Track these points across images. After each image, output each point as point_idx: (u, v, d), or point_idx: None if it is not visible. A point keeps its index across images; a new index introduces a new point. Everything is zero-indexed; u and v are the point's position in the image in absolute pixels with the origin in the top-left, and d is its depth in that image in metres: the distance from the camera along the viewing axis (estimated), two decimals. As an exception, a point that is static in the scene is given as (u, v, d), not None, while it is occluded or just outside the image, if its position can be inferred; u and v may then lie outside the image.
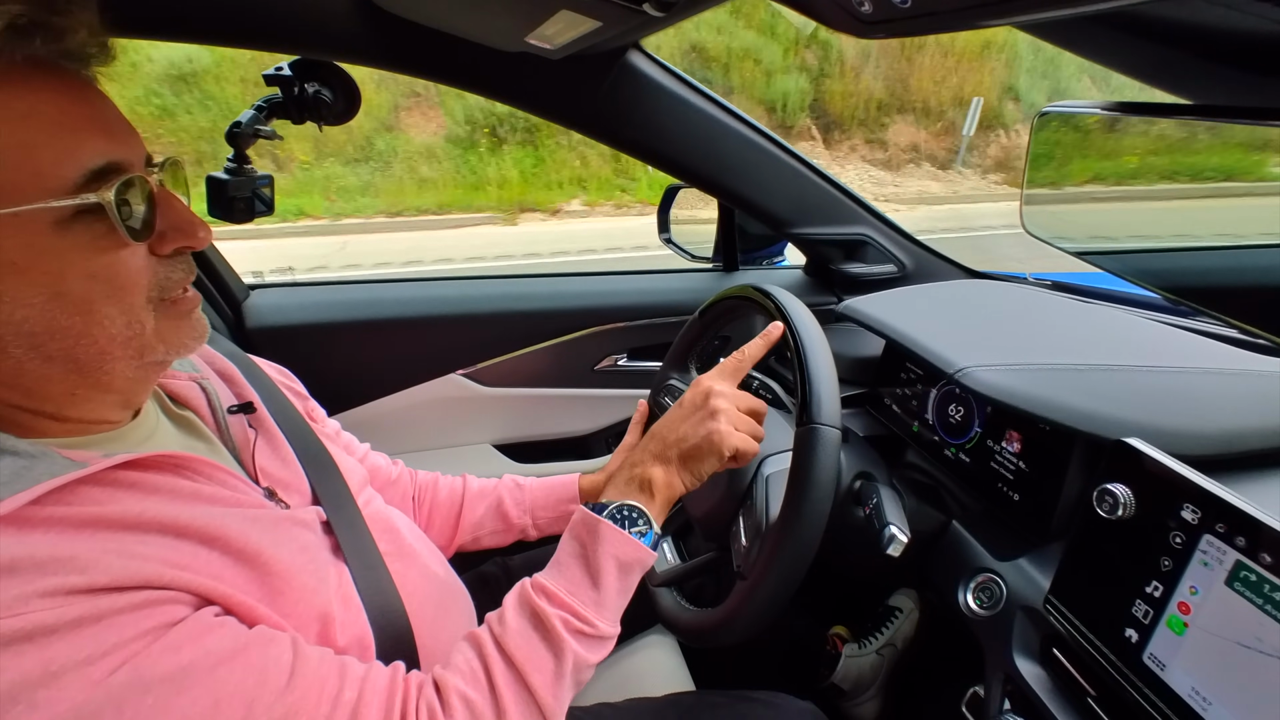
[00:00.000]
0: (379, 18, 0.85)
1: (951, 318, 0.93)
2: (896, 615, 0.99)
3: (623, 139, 1.07)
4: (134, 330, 0.46)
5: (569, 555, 0.59)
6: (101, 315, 0.44)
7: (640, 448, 0.66)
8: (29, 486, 0.40)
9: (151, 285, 0.47)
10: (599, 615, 0.57)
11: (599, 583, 0.57)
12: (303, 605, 0.50)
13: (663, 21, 0.70)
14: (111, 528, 0.43)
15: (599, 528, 0.59)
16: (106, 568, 0.40)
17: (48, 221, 0.41)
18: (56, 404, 0.47)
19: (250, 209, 0.97)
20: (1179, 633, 0.51)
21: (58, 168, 0.41)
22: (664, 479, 0.63)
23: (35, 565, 0.38)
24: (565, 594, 0.56)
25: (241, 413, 0.62)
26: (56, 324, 0.43)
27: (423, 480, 0.89)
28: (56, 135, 0.41)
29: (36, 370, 0.44)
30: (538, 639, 0.54)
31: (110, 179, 0.43)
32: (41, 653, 0.36)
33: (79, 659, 0.37)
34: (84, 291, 0.43)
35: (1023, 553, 0.71)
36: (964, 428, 0.83)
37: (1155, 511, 0.55)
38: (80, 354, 0.44)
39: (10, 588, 0.37)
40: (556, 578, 0.58)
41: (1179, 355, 0.79)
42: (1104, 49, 0.56)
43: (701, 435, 0.63)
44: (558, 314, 1.29)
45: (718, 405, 0.65)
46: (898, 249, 1.28)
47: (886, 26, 0.50)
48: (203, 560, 0.45)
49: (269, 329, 1.19)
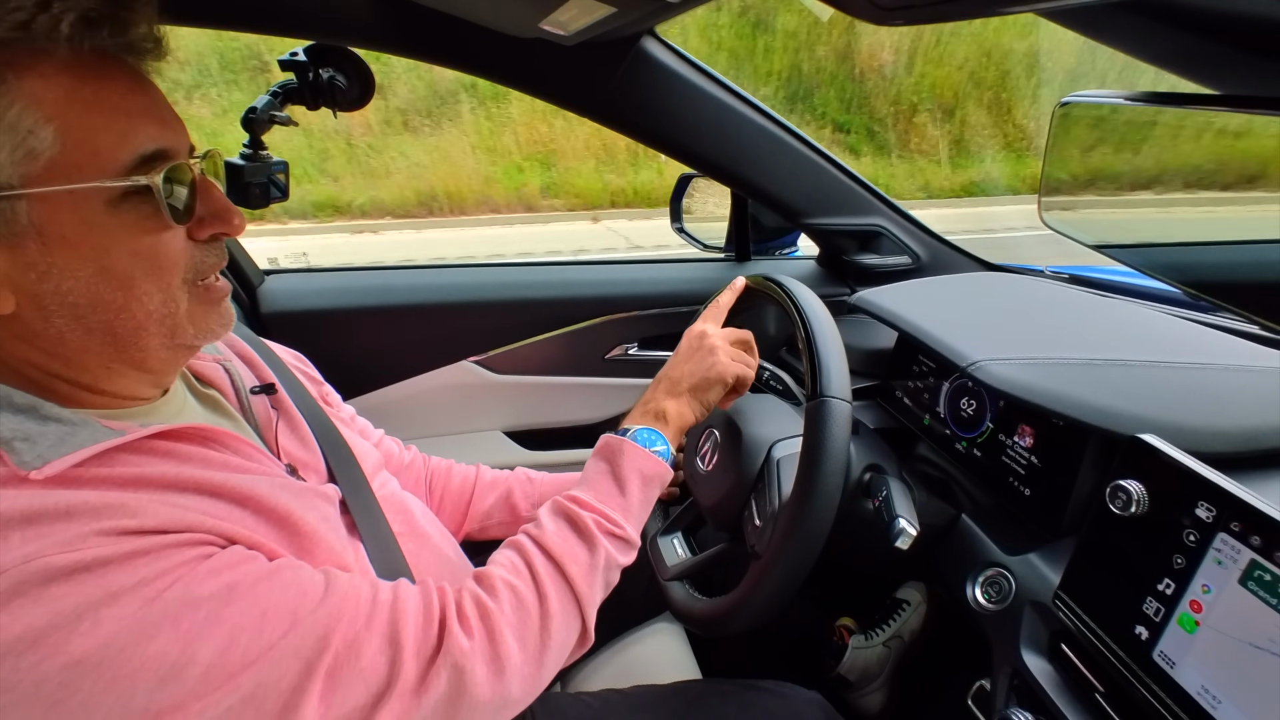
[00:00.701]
0: (394, 4, 0.85)
1: (965, 310, 0.92)
2: (904, 608, 0.99)
3: (636, 127, 1.06)
4: (169, 309, 0.48)
5: (596, 472, 0.66)
6: (141, 291, 0.47)
7: (651, 389, 0.74)
8: (73, 450, 0.43)
9: (188, 267, 0.49)
10: (627, 520, 0.63)
11: (625, 491, 0.64)
12: (330, 564, 0.53)
13: (677, 8, 0.69)
14: (153, 486, 0.45)
15: (623, 446, 0.66)
16: (154, 514, 0.43)
17: (101, 200, 0.44)
18: (93, 375, 0.49)
19: (266, 195, 0.98)
20: (1190, 631, 0.51)
21: (114, 150, 0.44)
22: (676, 409, 0.70)
23: (90, 510, 0.41)
24: (595, 501, 0.63)
25: (264, 394, 0.64)
26: (99, 297, 0.45)
27: (436, 466, 0.90)
28: (115, 120, 0.44)
29: (77, 341, 0.46)
30: (574, 536, 0.60)
31: (159, 164, 0.45)
32: (100, 580, 0.39)
33: (134, 581, 0.40)
34: (127, 268, 0.46)
35: (1033, 548, 0.71)
36: (976, 421, 0.83)
37: (1169, 508, 0.54)
38: (119, 327, 0.47)
39: (68, 528, 0.40)
40: (586, 489, 0.64)
41: (1198, 351, 0.77)
42: (1130, 37, 0.55)
43: (705, 368, 0.71)
44: (569, 302, 1.29)
45: (714, 343, 0.73)
46: (913, 240, 1.27)
47: (905, 13, 0.50)
48: (237, 516, 0.48)
49: (283, 314, 1.20)
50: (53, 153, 0.42)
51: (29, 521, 0.39)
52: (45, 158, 0.42)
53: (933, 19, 0.50)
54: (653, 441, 0.67)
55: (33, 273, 0.43)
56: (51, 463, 0.42)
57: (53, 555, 0.38)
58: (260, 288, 1.21)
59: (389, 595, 0.50)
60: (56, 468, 0.42)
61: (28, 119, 0.41)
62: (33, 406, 0.45)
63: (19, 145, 0.41)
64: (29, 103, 0.41)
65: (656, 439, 0.68)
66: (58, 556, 0.38)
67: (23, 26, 0.40)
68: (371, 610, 0.48)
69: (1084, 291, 1.04)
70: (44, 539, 0.39)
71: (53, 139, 0.42)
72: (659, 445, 0.68)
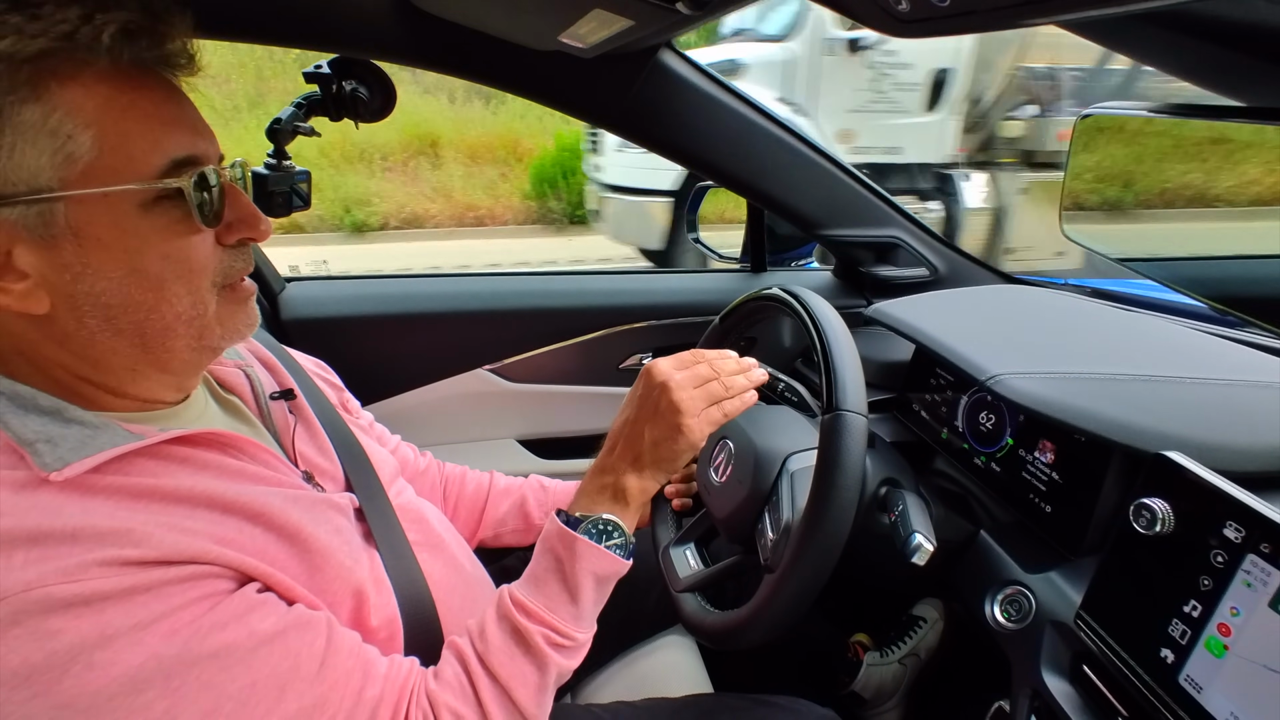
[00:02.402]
0: (416, 17, 0.86)
1: (984, 323, 0.91)
2: (920, 625, 0.97)
3: (653, 138, 1.07)
4: (198, 310, 0.50)
5: (546, 570, 0.60)
6: (171, 293, 0.48)
7: (607, 452, 0.66)
8: (93, 454, 0.44)
9: (217, 271, 0.51)
10: (577, 628, 0.59)
11: (577, 598, 0.59)
12: (339, 582, 0.53)
13: (695, 20, 0.69)
14: (165, 500, 0.46)
15: (575, 545, 0.60)
16: (158, 542, 0.43)
17: (134, 203, 0.45)
18: (118, 378, 0.50)
19: (288, 204, 1.00)
20: (1218, 655, 0.50)
21: (148, 155, 0.45)
22: (638, 485, 0.64)
23: (95, 536, 0.41)
24: (545, 610, 0.58)
25: (283, 399, 0.64)
26: (130, 298, 0.47)
27: (450, 473, 0.90)
28: (150, 127, 0.46)
29: (106, 343, 0.48)
30: (521, 655, 0.56)
31: (190, 169, 0.47)
32: (97, 616, 0.39)
33: (131, 624, 0.40)
34: (158, 270, 0.47)
35: (1054, 566, 0.69)
36: (995, 436, 0.81)
37: (1195, 528, 0.53)
38: (148, 328, 0.48)
39: (72, 554, 0.40)
40: (534, 593, 0.59)
41: (1225, 367, 0.76)
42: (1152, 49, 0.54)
43: (673, 436, 0.63)
44: (584, 312, 1.29)
45: (679, 398, 0.63)
46: (930, 252, 1.26)
47: (925, 25, 0.49)
48: (247, 536, 0.48)
49: (304, 320, 1.22)
50: (90, 157, 0.43)
51: (34, 542, 0.40)
52: (83, 162, 0.43)
53: (952, 31, 0.49)
54: (610, 532, 0.62)
55: (68, 273, 0.45)
56: (71, 465, 0.43)
57: (53, 585, 0.39)
58: (281, 294, 1.23)
59: (376, 692, 0.50)
60: (75, 470, 0.43)
61: (68, 125, 0.43)
62: (57, 409, 0.46)
63: (59, 150, 0.43)
64: (70, 110, 0.43)
65: (614, 530, 0.62)
66: (58, 587, 0.39)
67: (67, 37, 0.42)
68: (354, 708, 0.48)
69: (1106, 305, 1.02)
70: (46, 563, 0.39)
71: (90, 144, 0.43)
72: (616, 538, 0.62)
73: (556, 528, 0.62)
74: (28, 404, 0.45)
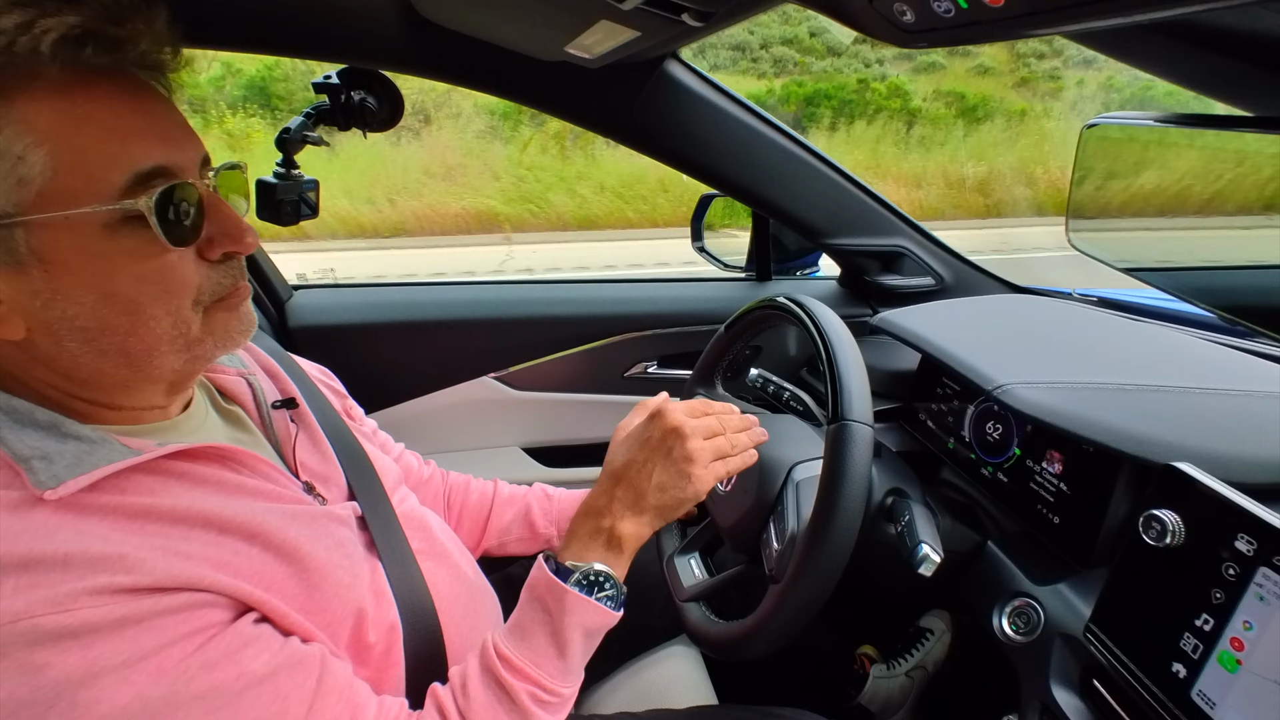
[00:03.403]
0: (424, 28, 0.87)
1: (991, 332, 0.91)
2: (928, 637, 0.96)
3: (659, 147, 1.07)
4: (180, 330, 0.47)
5: (533, 623, 0.57)
6: (148, 316, 0.45)
7: (605, 492, 0.63)
8: (89, 471, 0.43)
9: (201, 289, 0.48)
10: (564, 683, 0.56)
11: (565, 652, 0.56)
12: (338, 601, 0.52)
13: (701, 31, 0.70)
14: (161, 520, 0.45)
15: (565, 598, 0.57)
16: (152, 568, 0.42)
17: (97, 225, 0.42)
18: (110, 394, 0.49)
19: (296, 212, 1.01)
20: (1231, 670, 0.49)
21: (106, 172, 0.42)
22: (634, 531, 0.61)
23: (88, 561, 0.40)
24: (531, 666, 0.55)
25: (285, 408, 0.64)
26: (106, 322, 0.44)
27: (454, 482, 0.90)
28: (107, 141, 0.43)
29: (91, 363, 0.46)
30: (503, 712, 0.53)
31: (155, 183, 0.44)
32: (85, 651, 0.38)
33: (118, 662, 0.39)
34: (132, 293, 0.44)
35: (1062, 578, 0.68)
36: (1002, 446, 0.81)
37: (1207, 540, 0.52)
38: (130, 349, 0.46)
39: (63, 582, 0.39)
40: (520, 646, 0.56)
41: (1235, 377, 0.75)
42: (1159, 59, 0.54)
43: (679, 485, 0.61)
44: (589, 320, 1.29)
45: (692, 447, 0.61)
46: (936, 261, 1.26)
47: (929, 36, 0.50)
48: (243, 557, 0.47)
49: (311, 328, 1.22)
50: (45, 179, 0.41)
51: (24, 568, 0.39)
52: (37, 184, 0.41)
53: (957, 41, 0.50)
54: (601, 583, 0.58)
55: (38, 300, 0.43)
56: (66, 483, 0.41)
57: (41, 616, 0.38)
58: (289, 302, 1.24)
59: None
60: (70, 488, 0.41)
61: (18, 145, 0.40)
62: (54, 424, 0.45)
63: (10, 172, 0.40)
64: (20, 128, 0.40)
65: (606, 581, 0.58)
66: (46, 618, 0.38)
67: (5, 50, 0.39)
68: None
69: (1114, 315, 1.02)
70: (36, 591, 0.38)
71: (44, 164, 0.41)
72: (608, 589, 0.58)
73: (545, 577, 0.58)
74: (24, 418, 0.44)
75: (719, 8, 0.60)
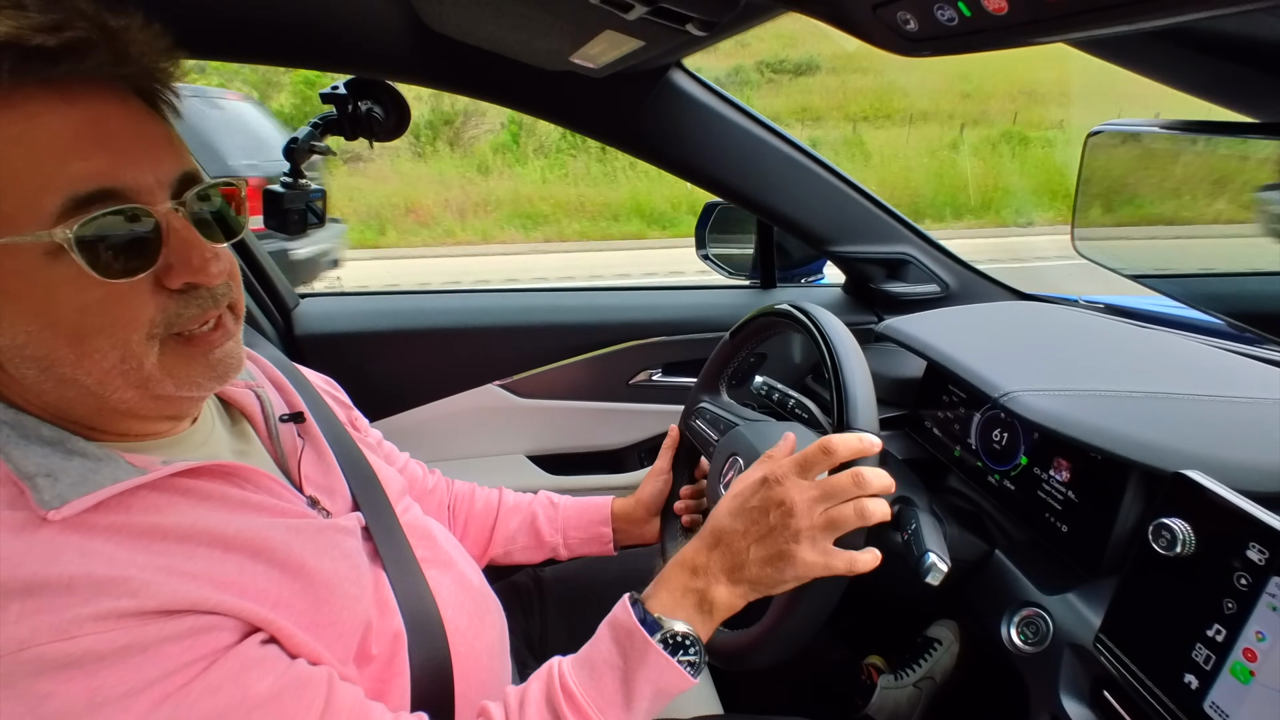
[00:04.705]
0: (430, 39, 0.88)
1: (997, 339, 0.90)
2: (935, 647, 0.95)
3: (663, 156, 1.08)
4: (129, 364, 0.44)
5: (606, 664, 0.53)
6: (92, 348, 0.42)
7: (704, 549, 0.57)
8: (94, 490, 0.42)
9: (156, 321, 0.44)
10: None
11: (631, 705, 0.53)
12: (345, 614, 0.52)
13: (704, 41, 0.70)
14: (166, 539, 0.44)
15: (648, 653, 0.53)
16: (156, 590, 0.41)
17: (38, 252, 0.40)
18: (92, 420, 0.47)
19: (303, 221, 1.01)
20: (1244, 681, 0.48)
21: (39, 195, 0.39)
22: (727, 600, 0.56)
23: (92, 585, 0.39)
24: (594, 709, 0.52)
25: (292, 422, 0.64)
26: (53, 352, 0.42)
27: (459, 491, 0.90)
28: (41, 161, 0.40)
29: (54, 391, 0.44)
30: None
31: (95, 207, 0.40)
32: (89, 680, 0.38)
33: (122, 691, 0.38)
34: (75, 323, 0.42)
35: (1071, 587, 0.68)
36: (1009, 454, 0.80)
37: (1217, 550, 0.51)
38: (82, 380, 0.44)
39: (67, 607, 0.38)
40: (588, 685, 0.53)
41: (1244, 384, 0.74)
42: (1164, 65, 0.54)
43: (780, 566, 0.54)
44: (594, 327, 1.30)
45: (800, 527, 0.54)
46: (941, 269, 1.26)
47: (933, 44, 0.50)
48: (249, 575, 0.47)
49: (317, 336, 1.23)
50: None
51: (29, 592, 0.38)
52: None
53: (961, 49, 0.50)
54: (686, 646, 0.54)
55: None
56: (70, 503, 0.41)
57: (45, 644, 0.37)
58: (295, 310, 1.24)
59: None
60: (75, 508, 0.41)
61: None
62: (60, 440, 0.44)
63: None
64: None
65: (691, 645, 0.54)
66: (50, 646, 0.37)
67: None
68: None
69: (1121, 322, 1.01)
70: (40, 617, 0.37)
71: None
72: (691, 654, 0.54)
73: (630, 622, 0.54)
74: (30, 434, 0.43)
75: (722, 17, 0.61)
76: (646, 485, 0.89)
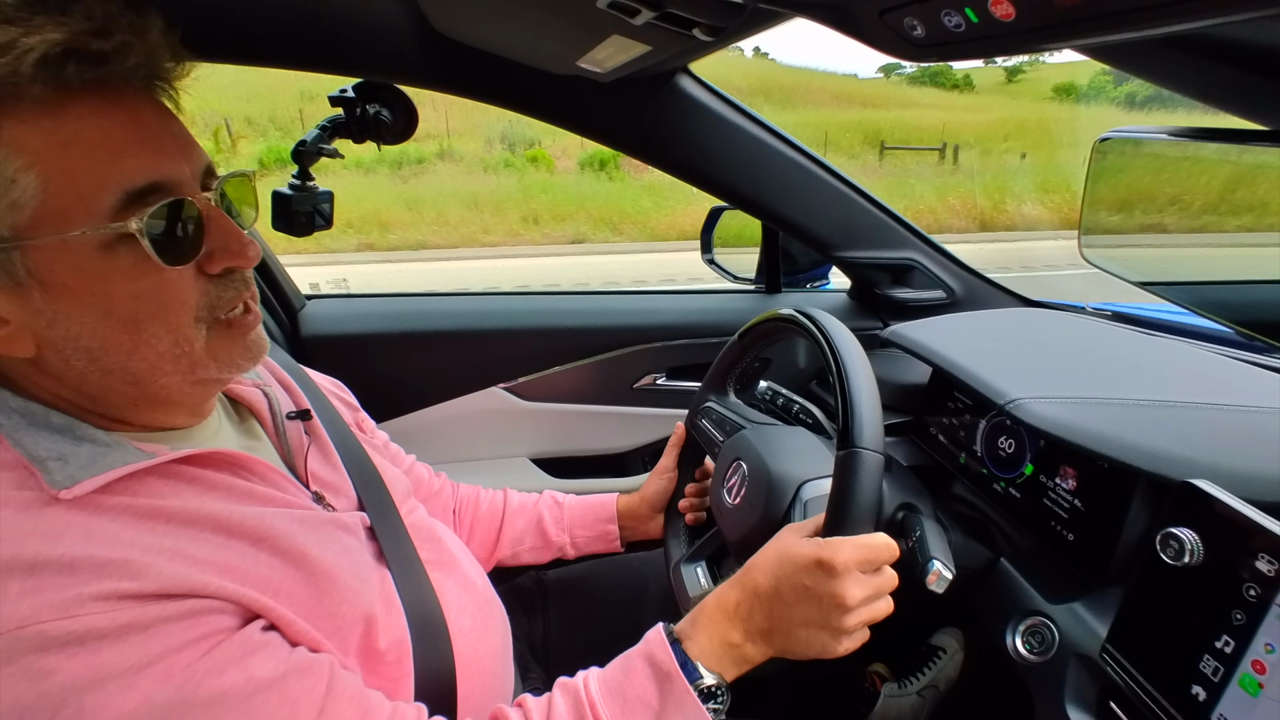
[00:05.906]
0: (437, 43, 0.88)
1: (1003, 346, 0.90)
2: (939, 655, 0.95)
3: (669, 160, 1.08)
4: (182, 348, 0.47)
5: (640, 701, 0.53)
6: (149, 334, 0.46)
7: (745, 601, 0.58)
8: (103, 472, 0.43)
9: (200, 305, 0.48)
10: None
11: None
12: (346, 605, 0.52)
13: (711, 46, 0.70)
14: (170, 522, 0.45)
15: (686, 702, 0.53)
16: (158, 573, 0.42)
17: (93, 245, 0.42)
18: (121, 410, 0.49)
19: (310, 223, 1.02)
20: (1253, 694, 0.48)
21: (97, 192, 0.42)
22: (758, 658, 0.58)
23: (94, 566, 0.40)
24: None
25: (299, 419, 0.65)
26: (109, 341, 0.45)
27: (464, 494, 0.90)
28: (96, 159, 0.42)
29: (98, 380, 0.46)
30: None
31: (150, 201, 0.43)
32: (91, 657, 0.38)
33: (124, 667, 0.39)
34: (131, 311, 0.45)
35: (1077, 596, 0.67)
36: (1015, 461, 0.80)
37: (1226, 560, 0.51)
38: (134, 369, 0.46)
39: (69, 586, 0.39)
40: (617, 712, 0.53)
41: (1253, 393, 0.74)
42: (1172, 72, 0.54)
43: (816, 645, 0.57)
44: (599, 331, 1.30)
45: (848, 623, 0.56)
46: (947, 274, 1.25)
47: (940, 50, 0.50)
48: (250, 561, 0.47)
49: (323, 338, 1.23)
50: (37, 202, 0.41)
51: (31, 571, 0.39)
52: (31, 208, 0.41)
53: (968, 55, 0.50)
54: (716, 695, 0.55)
55: (41, 319, 0.43)
56: (81, 483, 0.42)
57: (47, 622, 0.38)
58: (301, 312, 1.25)
59: None
60: (85, 488, 0.42)
61: (8, 169, 0.40)
62: (69, 427, 0.45)
63: (3, 196, 0.40)
64: (9, 151, 0.40)
65: (721, 695, 0.56)
66: (52, 624, 0.38)
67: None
68: None
69: (1128, 329, 1.00)
70: (42, 595, 0.38)
71: (36, 188, 0.40)
72: (719, 701, 0.55)
73: (671, 665, 0.54)
74: (40, 421, 0.45)
75: (729, 23, 0.61)
76: (651, 482, 0.89)
